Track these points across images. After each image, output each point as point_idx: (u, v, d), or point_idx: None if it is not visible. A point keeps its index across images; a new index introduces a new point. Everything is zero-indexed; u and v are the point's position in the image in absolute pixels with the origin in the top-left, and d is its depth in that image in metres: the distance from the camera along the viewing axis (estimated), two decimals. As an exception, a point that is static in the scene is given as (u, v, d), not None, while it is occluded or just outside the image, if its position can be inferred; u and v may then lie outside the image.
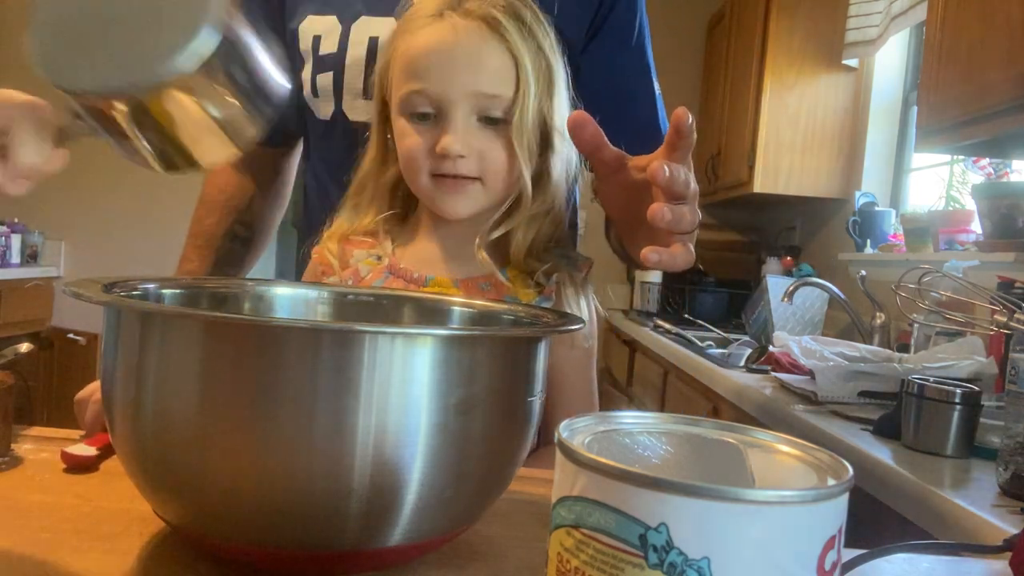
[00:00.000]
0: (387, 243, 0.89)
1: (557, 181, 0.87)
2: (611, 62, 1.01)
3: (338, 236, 0.90)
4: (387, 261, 0.87)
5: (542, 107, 0.84)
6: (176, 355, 0.44)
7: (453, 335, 0.49)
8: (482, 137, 0.82)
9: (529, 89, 0.81)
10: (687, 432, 0.38)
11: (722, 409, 1.97)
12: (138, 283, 0.58)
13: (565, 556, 0.32)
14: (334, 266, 0.88)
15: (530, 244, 0.86)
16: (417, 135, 0.82)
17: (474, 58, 0.80)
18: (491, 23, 0.80)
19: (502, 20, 0.80)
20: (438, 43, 0.80)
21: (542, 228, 0.87)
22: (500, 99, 0.81)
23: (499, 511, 0.57)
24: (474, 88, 0.80)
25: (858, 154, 3.00)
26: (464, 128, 0.81)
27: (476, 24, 0.80)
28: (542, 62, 0.83)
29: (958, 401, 1.17)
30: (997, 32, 1.61)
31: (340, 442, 0.42)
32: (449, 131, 0.80)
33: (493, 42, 0.80)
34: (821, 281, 2.45)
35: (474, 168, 0.82)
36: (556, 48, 0.86)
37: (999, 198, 1.91)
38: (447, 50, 0.80)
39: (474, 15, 0.81)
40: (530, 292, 0.85)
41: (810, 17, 3.03)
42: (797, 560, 0.29)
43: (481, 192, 0.84)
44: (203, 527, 0.46)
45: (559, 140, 0.85)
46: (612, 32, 1.01)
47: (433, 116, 0.82)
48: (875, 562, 0.51)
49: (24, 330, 3.66)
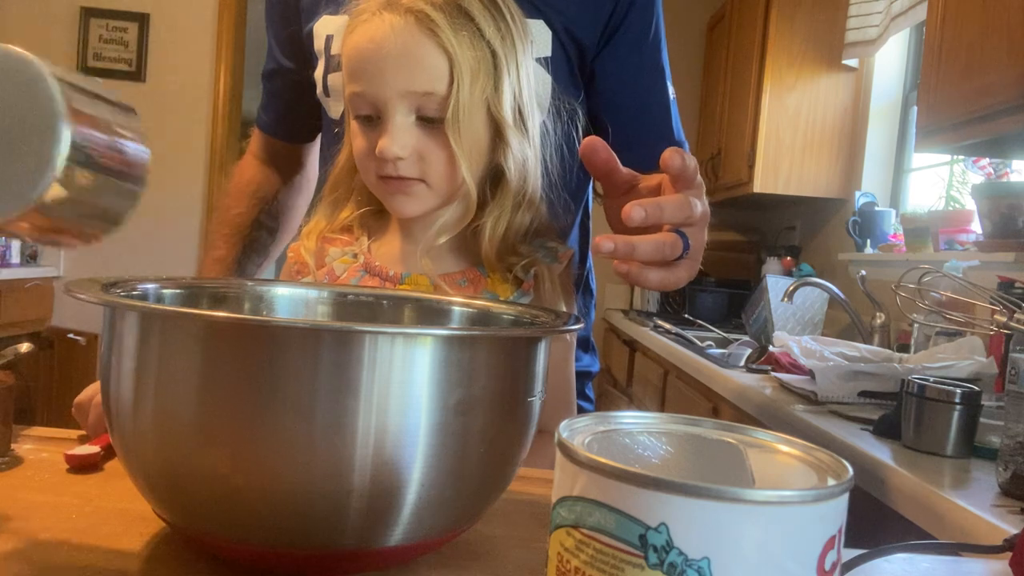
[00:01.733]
0: (363, 239, 0.88)
1: (520, 172, 0.84)
2: (625, 67, 1.00)
3: (315, 233, 0.90)
4: (362, 259, 0.87)
5: (488, 100, 0.81)
6: (176, 355, 0.44)
7: (453, 335, 0.49)
8: (421, 137, 0.80)
9: (462, 85, 0.78)
10: (687, 432, 0.38)
11: (722, 409, 1.97)
12: (138, 283, 0.58)
13: (565, 556, 0.32)
14: (309, 265, 0.88)
15: (502, 238, 0.84)
16: (363, 136, 0.82)
17: (404, 57, 0.78)
18: (420, 19, 0.78)
19: (431, 15, 0.77)
20: (370, 43, 0.79)
21: (514, 221, 0.85)
22: (434, 96, 0.78)
23: (499, 511, 0.57)
24: (406, 87, 0.78)
25: (858, 154, 3.00)
26: (401, 129, 0.79)
27: (406, 21, 0.78)
28: (483, 53, 0.80)
29: (958, 401, 1.17)
30: (997, 32, 1.61)
31: (340, 442, 0.42)
32: (386, 132, 0.79)
33: (423, 38, 0.78)
34: (821, 281, 2.45)
35: (415, 169, 0.81)
36: (515, 32, 0.83)
37: (999, 198, 1.91)
38: (378, 49, 0.78)
39: (405, 10, 0.78)
40: (508, 287, 0.84)
41: (810, 17, 3.03)
42: (797, 560, 0.29)
43: (427, 192, 0.83)
44: (203, 527, 0.46)
45: (511, 131, 0.82)
46: (627, 36, 1.00)
47: (376, 117, 0.81)
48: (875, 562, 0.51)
49: (24, 330, 3.66)
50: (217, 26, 3.97)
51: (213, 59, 3.98)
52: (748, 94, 3.18)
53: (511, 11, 0.84)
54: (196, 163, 4.00)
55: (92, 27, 3.92)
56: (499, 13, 0.82)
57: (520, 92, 0.84)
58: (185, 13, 3.97)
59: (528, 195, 0.86)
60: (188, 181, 3.97)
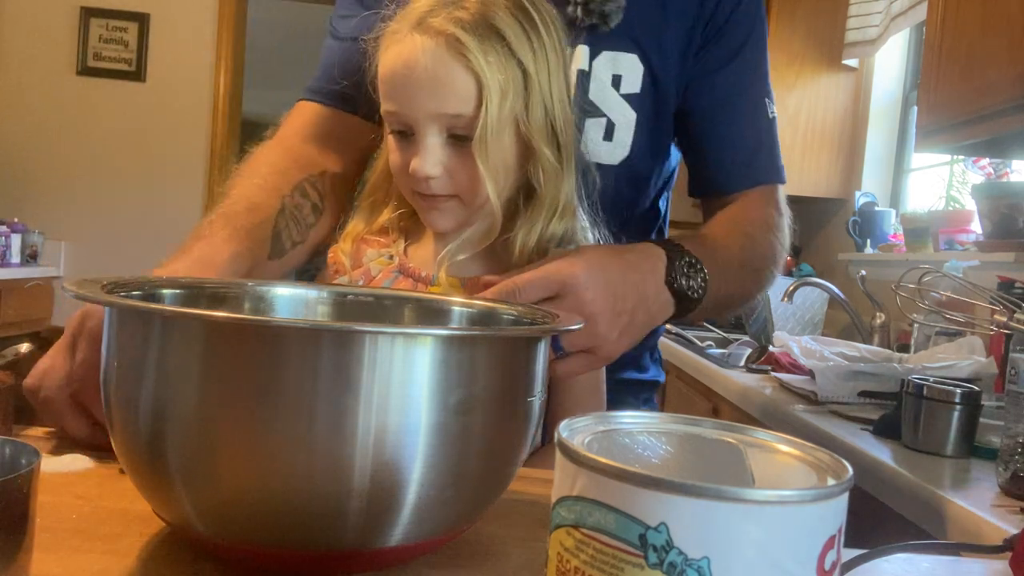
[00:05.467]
0: (400, 241, 0.89)
1: (553, 185, 0.84)
2: (715, 77, 1.00)
3: (352, 236, 0.91)
4: (397, 260, 0.88)
5: (518, 118, 0.82)
6: (176, 355, 0.44)
7: (453, 335, 0.49)
8: (452, 155, 0.81)
9: (490, 106, 0.78)
10: (687, 432, 0.38)
11: (722, 409, 1.97)
12: (138, 283, 0.58)
13: (565, 556, 0.32)
14: (346, 266, 0.89)
15: (534, 248, 0.85)
16: (398, 152, 0.83)
17: (434, 80, 0.79)
18: (450, 41, 0.78)
19: (461, 37, 0.78)
20: (401, 65, 0.80)
21: (546, 231, 0.86)
22: (464, 118, 0.79)
23: (499, 511, 0.57)
24: (436, 109, 0.79)
25: (858, 154, 3.00)
26: (432, 149, 0.80)
27: (436, 43, 0.78)
28: (513, 72, 0.80)
29: (958, 401, 1.17)
30: (997, 32, 1.61)
31: (340, 442, 0.42)
32: (419, 152, 0.81)
33: (452, 62, 0.78)
34: (821, 281, 2.45)
35: (447, 187, 0.82)
36: (548, 44, 0.82)
37: (999, 198, 1.91)
38: (408, 72, 0.79)
39: (436, 32, 0.79)
40: None
41: (810, 17, 3.02)
42: (797, 560, 0.29)
43: (460, 207, 0.84)
44: (203, 527, 0.46)
45: (542, 147, 0.83)
46: (718, 46, 0.99)
47: (409, 134, 0.82)
48: (875, 562, 0.51)
49: (24, 330, 3.66)
50: (217, 26, 3.97)
51: (213, 59, 3.98)
52: (748, 94, 3.17)
53: (546, 21, 0.83)
54: (196, 163, 4.00)
55: (92, 27, 3.92)
56: (532, 27, 0.82)
57: (553, 105, 0.84)
58: (185, 13, 3.97)
59: (562, 206, 0.86)
60: (188, 181, 3.97)
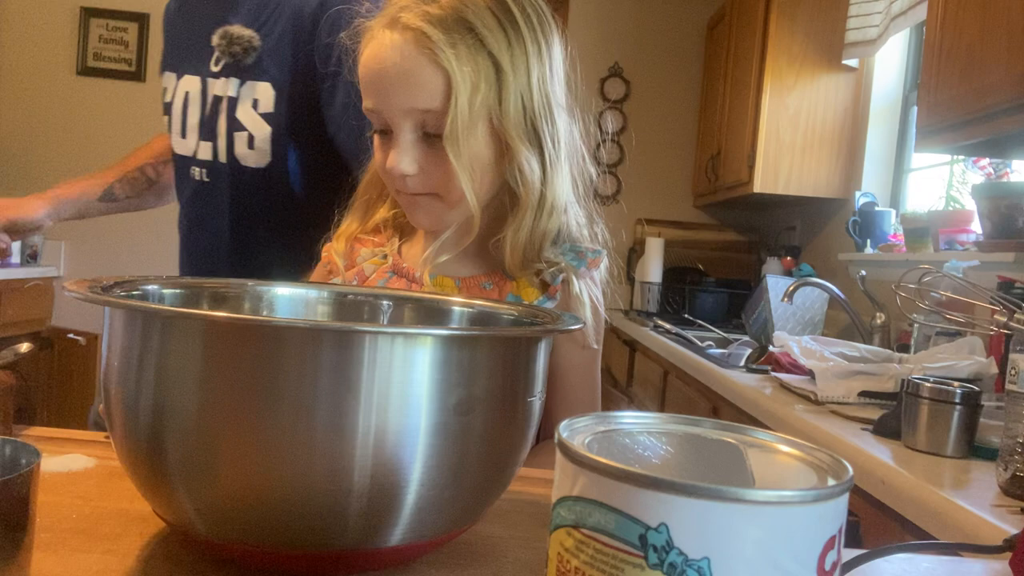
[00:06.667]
0: (394, 240, 0.89)
1: (534, 182, 0.82)
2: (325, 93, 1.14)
3: (346, 236, 0.90)
4: (391, 260, 0.87)
5: (490, 111, 0.80)
6: (176, 355, 0.44)
7: (453, 335, 0.49)
8: (427, 152, 0.80)
9: (459, 100, 0.77)
10: (687, 432, 0.38)
11: (722, 409, 1.97)
12: (138, 283, 0.58)
13: (565, 556, 0.32)
14: (339, 266, 0.88)
15: (525, 247, 0.84)
16: (380, 150, 0.83)
17: (403, 76, 0.78)
18: (418, 36, 0.78)
19: (428, 32, 0.77)
20: (375, 61, 0.80)
21: (536, 229, 0.83)
22: (434, 113, 0.78)
23: (499, 511, 0.57)
24: (408, 105, 0.79)
25: (858, 154, 3.00)
26: (407, 145, 0.80)
27: (404, 39, 0.78)
28: (484, 64, 0.79)
29: (958, 401, 1.17)
30: (997, 32, 1.61)
31: (340, 442, 0.42)
32: (393, 149, 0.80)
33: (420, 57, 0.78)
34: (821, 281, 2.45)
35: (423, 184, 0.81)
36: (528, 36, 0.81)
37: (999, 198, 1.91)
38: (380, 68, 0.79)
39: (404, 28, 0.78)
40: (534, 291, 0.84)
41: (810, 17, 3.03)
42: (797, 560, 0.29)
43: (441, 205, 0.82)
44: (203, 527, 0.46)
45: (518, 142, 0.81)
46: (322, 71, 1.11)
47: (389, 132, 0.81)
48: (875, 562, 0.51)
49: (24, 330, 3.66)
50: (217, 26, 3.97)
51: (213, 59, 3.97)
52: (748, 94, 3.18)
53: (528, 13, 0.81)
54: (196, 163, 3.99)
55: (92, 27, 3.92)
56: (511, 21, 0.80)
57: (531, 99, 0.81)
58: (185, 13, 3.96)
59: (550, 203, 0.84)
60: (188, 181, 3.96)
